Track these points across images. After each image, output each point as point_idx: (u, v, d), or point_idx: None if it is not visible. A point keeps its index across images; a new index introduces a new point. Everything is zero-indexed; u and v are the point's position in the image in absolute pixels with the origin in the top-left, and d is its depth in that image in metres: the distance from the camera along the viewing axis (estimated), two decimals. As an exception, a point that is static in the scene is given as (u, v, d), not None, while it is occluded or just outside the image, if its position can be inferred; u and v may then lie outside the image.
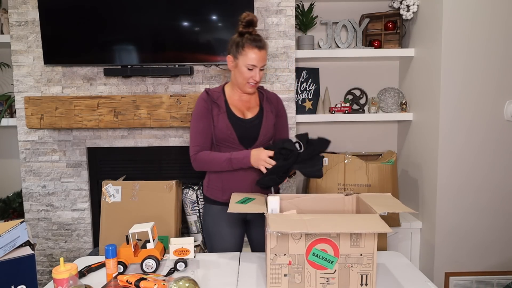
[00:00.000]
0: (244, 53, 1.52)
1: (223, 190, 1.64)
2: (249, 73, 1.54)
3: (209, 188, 1.68)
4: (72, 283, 1.13)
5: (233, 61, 1.57)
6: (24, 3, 2.21)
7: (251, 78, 1.54)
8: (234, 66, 1.57)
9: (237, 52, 1.54)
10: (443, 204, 2.17)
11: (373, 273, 1.19)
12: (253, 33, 1.54)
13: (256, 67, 1.53)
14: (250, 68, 1.53)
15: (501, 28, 2.06)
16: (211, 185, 1.67)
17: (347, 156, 2.29)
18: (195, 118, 1.60)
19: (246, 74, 1.54)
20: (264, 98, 1.68)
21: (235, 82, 1.61)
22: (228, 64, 1.60)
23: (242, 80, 1.56)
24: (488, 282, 2.22)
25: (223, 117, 1.58)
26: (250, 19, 1.53)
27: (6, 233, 1.13)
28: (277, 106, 1.71)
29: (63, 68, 2.27)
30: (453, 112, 2.12)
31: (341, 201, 1.48)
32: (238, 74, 1.56)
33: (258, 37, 1.54)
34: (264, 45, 1.54)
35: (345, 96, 2.68)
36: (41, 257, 2.38)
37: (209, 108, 1.59)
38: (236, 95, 1.64)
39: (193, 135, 1.60)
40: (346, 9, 2.63)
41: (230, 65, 1.59)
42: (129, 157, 2.37)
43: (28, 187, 2.33)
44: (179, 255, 1.37)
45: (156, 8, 2.15)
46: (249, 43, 1.51)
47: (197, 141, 1.58)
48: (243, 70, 1.53)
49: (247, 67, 1.53)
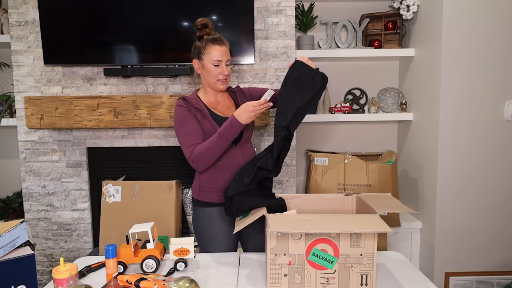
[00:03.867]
0: (207, 52, 1.59)
1: (218, 190, 1.63)
2: (217, 69, 1.60)
3: (201, 192, 1.66)
4: (72, 283, 1.13)
5: (199, 63, 1.64)
6: (24, 3, 2.21)
7: (220, 74, 1.61)
8: (201, 67, 1.64)
9: (200, 53, 1.61)
10: (443, 204, 2.17)
11: (373, 273, 1.19)
12: (211, 34, 1.62)
13: (222, 62, 1.60)
14: (216, 65, 1.60)
15: (501, 28, 2.06)
16: (203, 188, 1.65)
17: (347, 156, 2.29)
18: (179, 123, 1.59)
19: (214, 71, 1.60)
20: (237, 95, 1.75)
21: (206, 84, 1.66)
22: (195, 68, 1.66)
23: (212, 78, 1.62)
24: (488, 282, 2.22)
25: (208, 119, 1.60)
26: (204, 23, 1.62)
27: (6, 233, 1.14)
28: (248, 93, 1.78)
29: (63, 68, 2.27)
30: (453, 112, 2.12)
31: (341, 201, 1.48)
32: (206, 74, 1.62)
33: (216, 35, 1.62)
34: (223, 40, 1.62)
35: (345, 96, 2.68)
36: (41, 257, 2.38)
37: (191, 112, 1.60)
38: (211, 97, 1.68)
39: (182, 139, 1.58)
40: (346, 9, 2.63)
41: (197, 68, 1.65)
42: (129, 157, 2.37)
43: (28, 187, 2.33)
44: (179, 255, 1.37)
45: (156, 8, 2.16)
46: (209, 42, 1.60)
47: (189, 142, 1.56)
48: (210, 68, 1.60)
49: (213, 64, 1.59)
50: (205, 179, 1.65)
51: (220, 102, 1.69)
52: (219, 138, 1.51)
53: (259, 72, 2.29)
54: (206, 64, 1.60)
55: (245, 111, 1.49)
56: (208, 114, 1.61)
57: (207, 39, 1.60)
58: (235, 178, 1.46)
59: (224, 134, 1.50)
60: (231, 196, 1.41)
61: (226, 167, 1.61)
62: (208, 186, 1.64)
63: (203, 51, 1.60)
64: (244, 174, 1.46)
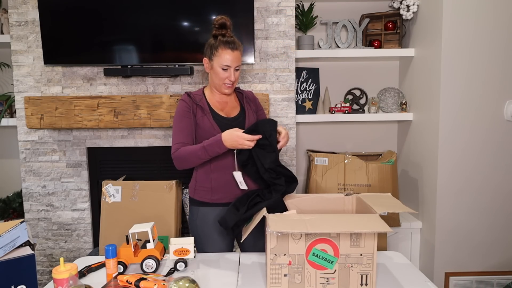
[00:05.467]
0: (218, 55, 1.56)
1: (212, 190, 1.63)
2: (224, 73, 1.58)
3: (196, 190, 1.66)
4: (72, 283, 1.13)
5: (209, 63, 1.62)
6: (24, 3, 2.21)
7: (227, 78, 1.59)
8: (210, 67, 1.62)
9: (211, 54, 1.59)
10: (443, 204, 2.17)
11: (373, 273, 1.19)
12: (226, 35, 1.58)
13: (231, 68, 1.57)
14: (224, 69, 1.57)
15: (501, 27, 2.06)
16: (198, 187, 1.66)
17: (347, 156, 2.29)
18: (177, 117, 1.61)
19: (221, 75, 1.58)
20: (244, 97, 1.73)
21: (212, 84, 1.66)
22: (204, 66, 1.65)
23: (218, 81, 1.60)
24: (488, 282, 2.22)
25: (208, 117, 1.60)
26: (222, 22, 1.58)
27: (6, 233, 1.13)
28: (255, 103, 1.77)
29: (63, 68, 2.27)
30: (453, 112, 2.12)
31: (341, 201, 1.48)
32: (214, 75, 1.61)
33: (231, 38, 1.58)
34: (237, 46, 1.58)
35: (345, 96, 2.68)
36: (41, 257, 2.38)
37: (191, 109, 1.60)
38: (216, 96, 1.68)
39: (174, 134, 1.60)
40: (346, 9, 2.63)
41: (206, 67, 1.64)
42: (129, 157, 2.37)
43: (28, 187, 2.33)
44: (179, 255, 1.37)
45: (156, 8, 2.16)
46: (222, 44, 1.56)
47: (177, 139, 1.57)
48: (218, 71, 1.58)
49: (221, 68, 1.57)
50: (200, 178, 1.65)
51: (225, 102, 1.69)
52: (201, 150, 1.51)
53: (259, 72, 2.29)
54: (215, 66, 1.58)
55: (233, 139, 1.46)
56: (209, 112, 1.61)
57: (222, 40, 1.56)
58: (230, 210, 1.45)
59: (206, 149, 1.50)
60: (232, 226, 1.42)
61: (221, 168, 1.61)
62: (203, 186, 1.64)
63: (215, 52, 1.57)
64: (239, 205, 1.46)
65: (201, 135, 1.59)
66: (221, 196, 1.62)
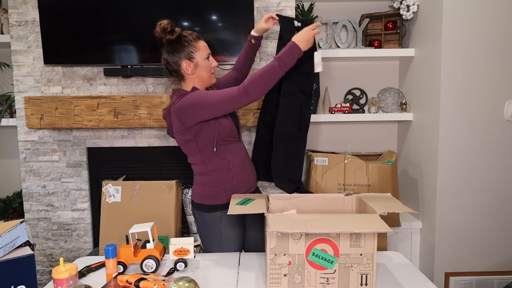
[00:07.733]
0: (197, 49, 1.56)
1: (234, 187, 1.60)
2: (209, 62, 1.60)
3: (216, 195, 1.60)
4: (72, 283, 1.13)
5: (190, 63, 1.55)
6: (24, 3, 2.21)
7: (212, 65, 1.61)
8: (194, 67, 1.56)
9: (189, 53, 1.55)
10: (443, 204, 2.17)
11: (373, 273, 1.19)
12: (186, 32, 1.57)
13: (210, 54, 1.60)
14: (207, 58, 1.58)
15: (501, 27, 2.06)
16: (219, 191, 1.59)
17: (347, 156, 2.29)
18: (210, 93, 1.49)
19: (208, 65, 1.59)
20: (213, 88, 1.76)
21: (200, 82, 1.60)
22: (186, 71, 1.56)
23: (207, 72, 1.60)
24: (488, 282, 2.22)
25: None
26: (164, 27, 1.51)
27: (6, 233, 1.14)
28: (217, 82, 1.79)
29: (63, 68, 2.27)
30: (453, 112, 2.12)
31: (341, 201, 1.48)
32: (202, 71, 1.58)
33: (190, 31, 1.59)
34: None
35: (345, 96, 2.68)
36: (41, 257, 2.38)
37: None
38: None
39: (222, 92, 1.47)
40: (346, 9, 2.63)
41: (189, 71, 1.56)
42: (129, 157, 2.37)
43: (28, 187, 2.33)
44: (179, 255, 1.37)
45: (156, 8, 2.15)
46: (193, 38, 1.56)
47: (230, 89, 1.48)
48: (205, 63, 1.58)
49: (206, 58, 1.58)
50: (220, 178, 1.59)
51: None
52: (276, 62, 1.44)
53: (259, 72, 2.29)
54: (200, 61, 1.56)
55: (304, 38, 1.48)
56: None
57: (193, 37, 1.56)
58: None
59: (283, 60, 1.44)
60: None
61: (237, 163, 1.61)
62: (223, 187, 1.59)
63: (193, 49, 1.54)
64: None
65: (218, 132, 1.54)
66: (243, 190, 1.64)
